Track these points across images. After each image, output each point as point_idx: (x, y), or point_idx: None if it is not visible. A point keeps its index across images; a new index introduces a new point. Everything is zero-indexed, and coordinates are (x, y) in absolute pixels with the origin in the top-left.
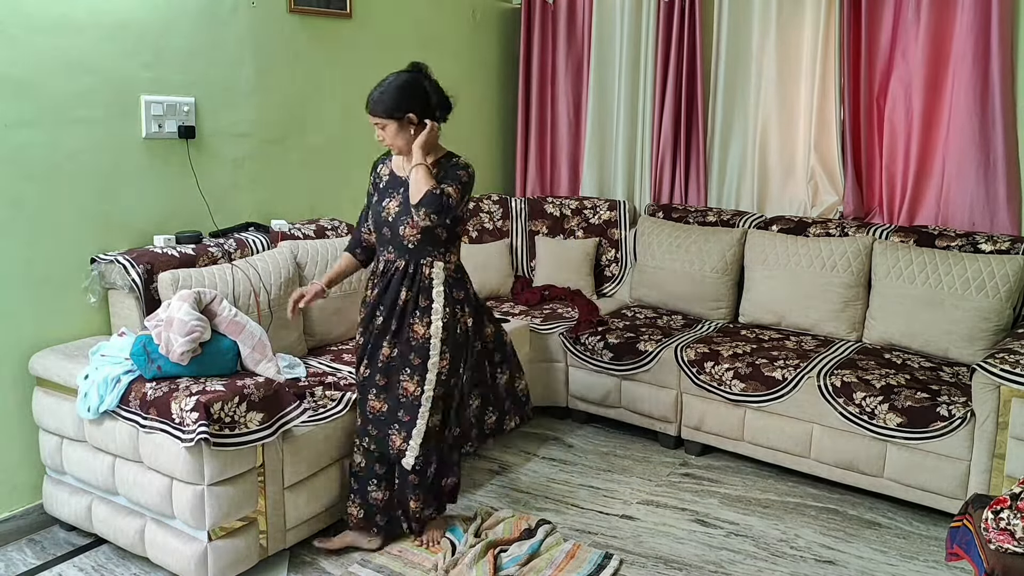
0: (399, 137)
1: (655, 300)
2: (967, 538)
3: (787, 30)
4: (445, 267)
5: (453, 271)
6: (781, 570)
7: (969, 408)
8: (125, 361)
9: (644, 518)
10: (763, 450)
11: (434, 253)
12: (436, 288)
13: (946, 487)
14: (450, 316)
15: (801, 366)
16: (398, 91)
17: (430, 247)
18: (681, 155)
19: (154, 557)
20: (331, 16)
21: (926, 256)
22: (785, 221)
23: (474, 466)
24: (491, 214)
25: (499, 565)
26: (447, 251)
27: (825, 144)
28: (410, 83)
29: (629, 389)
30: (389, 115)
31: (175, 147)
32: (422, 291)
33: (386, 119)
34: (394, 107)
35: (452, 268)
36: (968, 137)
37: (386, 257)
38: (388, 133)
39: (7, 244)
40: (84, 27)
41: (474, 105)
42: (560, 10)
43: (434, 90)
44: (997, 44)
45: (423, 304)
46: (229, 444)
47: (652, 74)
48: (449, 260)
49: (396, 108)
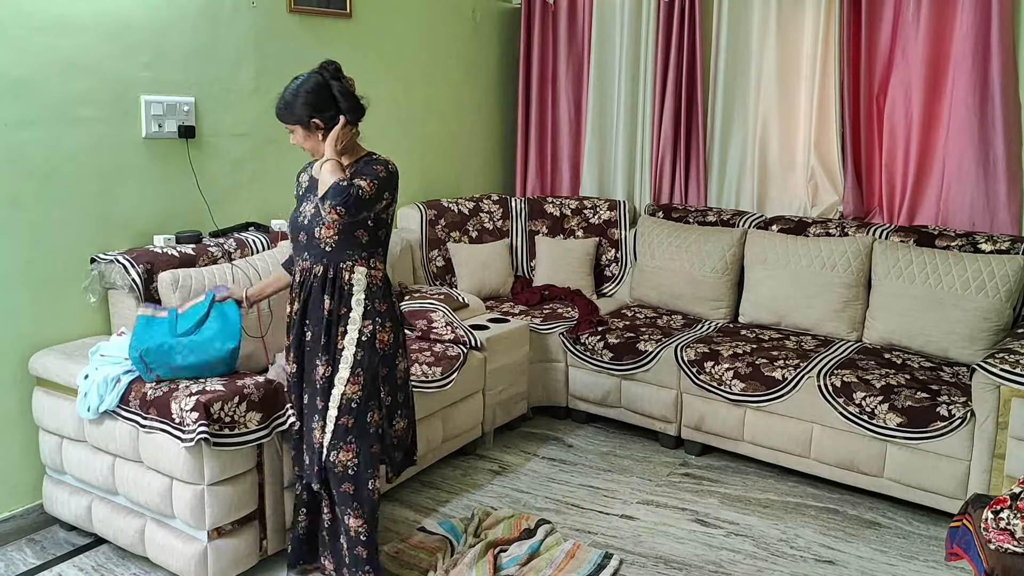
0: (308, 141)
1: (655, 300)
2: (967, 538)
3: (787, 30)
4: (368, 274)
5: (379, 280)
6: (781, 570)
7: (969, 408)
8: (125, 361)
9: (644, 518)
10: (763, 450)
11: (355, 257)
12: (356, 296)
13: (946, 487)
14: (368, 332)
15: (801, 366)
16: (302, 96)
17: (349, 250)
18: (681, 155)
19: (154, 557)
20: (331, 16)
21: (926, 256)
22: (785, 221)
23: (474, 466)
24: (491, 214)
25: (499, 565)
26: (371, 256)
27: (825, 144)
28: (315, 87)
29: (629, 389)
30: (295, 121)
31: (175, 147)
32: (343, 299)
33: (293, 124)
34: (299, 112)
35: (378, 276)
36: (968, 137)
37: (302, 265)
38: (298, 138)
39: (7, 244)
40: (84, 27)
41: (474, 105)
42: (560, 10)
43: (343, 94)
44: (997, 44)
45: (343, 312)
46: (229, 444)
47: (652, 74)
48: (374, 267)
49: (301, 113)
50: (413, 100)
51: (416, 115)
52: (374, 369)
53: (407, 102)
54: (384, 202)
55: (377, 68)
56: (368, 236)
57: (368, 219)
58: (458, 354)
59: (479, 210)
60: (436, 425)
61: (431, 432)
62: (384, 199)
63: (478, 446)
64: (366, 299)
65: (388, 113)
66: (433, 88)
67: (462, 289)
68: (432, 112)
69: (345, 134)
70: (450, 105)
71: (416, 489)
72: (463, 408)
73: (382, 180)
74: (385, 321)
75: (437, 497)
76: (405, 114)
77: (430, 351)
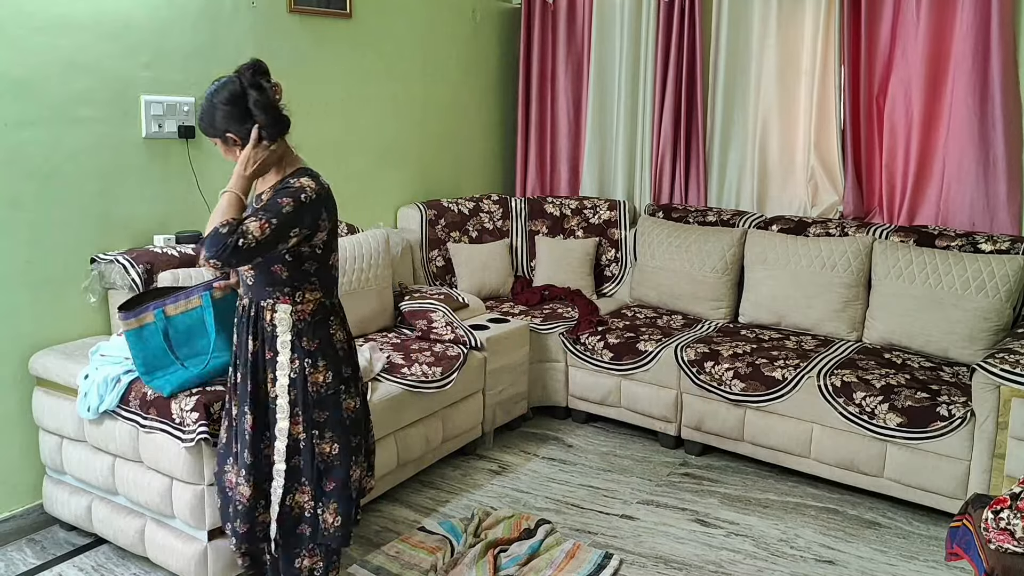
0: (229, 155)
1: (655, 300)
2: (967, 538)
3: (787, 30)
4: (293, 311)
5: (308, 313)
6: (781, 570)
7: (969, 408)
8: (125, 361)
9: (644, 518)
10: (763, 450)
11: (275, 295)
12: (280, 337)
13: (946, 487)
14: (298, 371)
15: (801, 366)
16: (218, 107)
17: (269, 287)
18: (681, 155)
19: (154, 557)
20: (331, 16)
21: (926, 256)
22: (785, 221)
23: (474, 466)
24: (491, 214)
25: (499, 565)
26: (297, 290)
27: (825, 144)
28: (230, 98)
29: (629, 389)
30: (214, 135)
31: (175, 147)
32: (267, 341)
33: (213, 138)
34: (210, 124)
35: (307, 310)
36: (968, 137)
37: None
38: (223, 153)
39: (7, 244)
40: (84, 27)
41: (474, 105)
42: (560, 10)
43: (260, 106)
44: (997, 44)
45: (269, 356)
46: None
47: (652, 74)
48: (302, 300)
49: (213, 126)
50: (413, 100)
51: (416, 115)
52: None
53: (407, 102)
54: (295, 238)
55: (377, 68)
56: (288, 271)
57: (283, 253)
58: (458, 354)
59: (479, 210)
60: (436, 425)
61: (431, 432)
62: (293, 235)
63: (478, 446)
64: (293, 338)
65: (388, 113)
66: (433, 88)
67: (462, 289)
68: (432, 112)
69: (259, 154)
70: (450, 105)
71: (416, 489)
72: (463, 408)
73: (286, 215)
74: (317, 360)
75: (437, 497)
76: (405, 114)
77: (430, 351)
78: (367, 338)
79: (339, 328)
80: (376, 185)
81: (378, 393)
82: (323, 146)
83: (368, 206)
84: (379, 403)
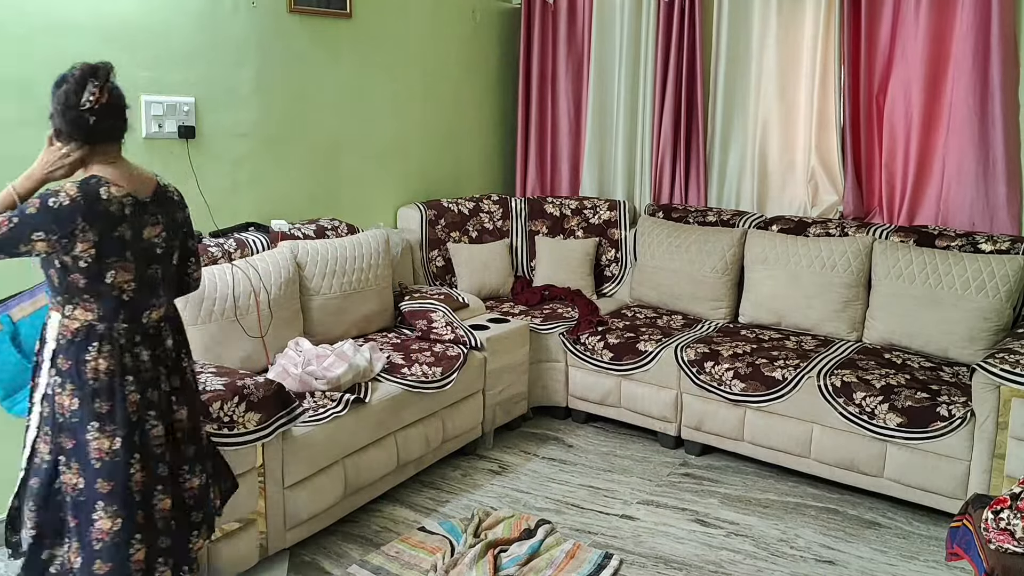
0: None
1: (655, 300)
2: (967, 538)
3: (787, 30)
4: (62, 322)
5: (71, 333)
6: (781, 570)
7: (969, 408)
8: None
9: (644, 518)
10: (763, 450)
11: (52, 301)
12: (48, 344)
13: (946, 487)
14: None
15: (801, 366)
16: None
17: (49, 291)
18: (681, 155)
19: None
20: (331, 16)
21: (926, 256)
22: (785, 221)
23: (474, 466)
24: (491, 214)
25: (499, 565)
26: (68, 303)
27: (825, 144)
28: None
29: (629, 389)
30: None
31: (175, 147)
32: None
33: None
34: None
35: (71, 328)
36: (968, 137)
37: None
38: None
39: None
40: (84, 27)
41: (474, 105)
42: (560, 10)
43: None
44: (997, 44)
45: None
46: (228, 444)
47: (652, 74)
48: (70, 316)
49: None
50: (413, 100)
51: (416, 115)
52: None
53: (407, 102)
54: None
55: (377, 68)
56: (58, 280)
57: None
58: (458, 354)
59: (479, 210)
60: (436, 425)
61: (431, 432)
62: (37, 239)
63: (478, 446)
64: (54, 352)
65: (388, 113)
66: (433, 88)
67: (462, 289)
68: (432, 112)
69: (50, 155)
70: (450, 105)
71: (416, 489)
72: (463, 408)
73: (28, 216)
74: (66, 383)
75: (437, 497)
76: (405, 114)
77: (430, 351)
78: (367, 338)
79: (106, 358)
80: (376, 185)
81: (378, 393)
82: (323, 146)
83: (368, 206)
84: (379, 403)
